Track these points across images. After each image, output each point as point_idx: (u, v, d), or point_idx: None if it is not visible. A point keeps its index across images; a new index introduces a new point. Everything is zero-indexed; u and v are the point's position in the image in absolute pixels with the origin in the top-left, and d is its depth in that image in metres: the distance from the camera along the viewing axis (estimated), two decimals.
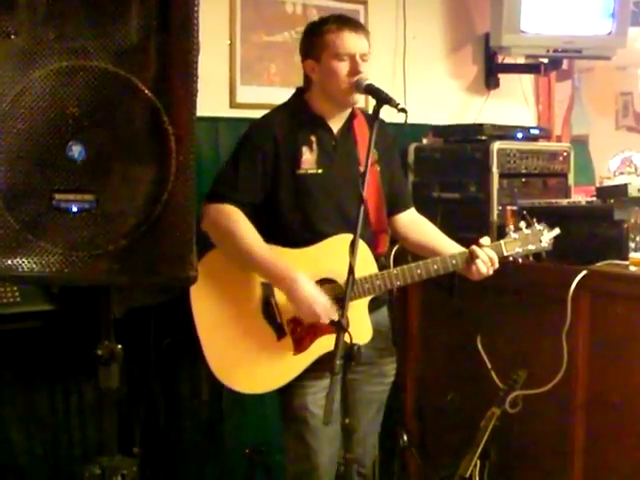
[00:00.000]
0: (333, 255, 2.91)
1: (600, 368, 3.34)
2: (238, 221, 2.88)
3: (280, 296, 2.91)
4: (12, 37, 2.07)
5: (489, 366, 3.64)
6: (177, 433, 3.85)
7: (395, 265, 3.10)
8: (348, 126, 3.09)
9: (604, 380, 3.32)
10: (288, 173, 2.96)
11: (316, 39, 2.98)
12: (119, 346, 2.41)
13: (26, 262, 2.13)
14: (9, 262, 2.12)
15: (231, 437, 3.96)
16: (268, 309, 2.93)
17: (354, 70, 2.91)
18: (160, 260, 2.20)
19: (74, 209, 2.14)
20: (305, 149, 2.97)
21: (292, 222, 2.98)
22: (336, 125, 3.06)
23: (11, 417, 3.45)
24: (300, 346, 2.92)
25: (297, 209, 2.97)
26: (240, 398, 3.81)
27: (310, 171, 2.97)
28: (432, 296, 4.08)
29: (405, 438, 3.94)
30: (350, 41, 2.92)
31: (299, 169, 2.96)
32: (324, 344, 2.89)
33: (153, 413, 3.65)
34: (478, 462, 3.45)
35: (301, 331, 2.91)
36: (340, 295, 2.89)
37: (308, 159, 2.97)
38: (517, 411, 3.44)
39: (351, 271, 2.48)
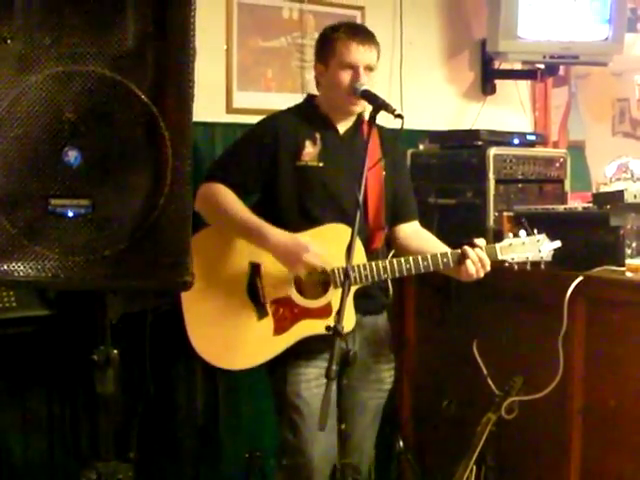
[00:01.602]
0: (323, 242, 2.93)
1: (596, 374, 3.34)
2: (226, 194, 2.96)
3: (266, 277, 2.96)
4: (8, 42, 2.08)
5: (485, 372, 3.64)
6: (173, 437, 3.85)
7: None
8: (355, 130, 3.14)
9: (600, 386, 3.32)
10: (288, 165, 3.01)
11: (326, 45, 3.06)
12: (115, 351, 2.42)
13: (22, 267, 2.14)
14: (5, 267, 2.13)
15: (227, 441, 3.95)
16: (253, 289, 2.97)
17: (355, 80, 2.96)
18: (156, 265, 2.21)
19: (70, 214, 2.15)
20: (308, 143, 3.03)
21: (290, 213, 3.02)
22: (343, 127, 3.12)
23: (7, 422, 3.44)
24: (281, 327, 2.96)
25: (295, 200, 3.02)
26: (236, 401, 3.83)
27: (310, 163, 3.02)
28: (428, 301, 4.08)
29: (401, 444, 3.94)
30: (356, 52, 2.97)
31: (299, 161, 3.02)
32: (305, 328, 2.93)
33: (149, 418, 3.64)
34: (474, 468, 3.45)
35: (283, 313, 2.95)
36: (326, 280, 2.92)
37: (310, 152, 3.03)
38: (513, 417, 3.44)
39: (347, 276, 2.48)
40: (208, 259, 2.95)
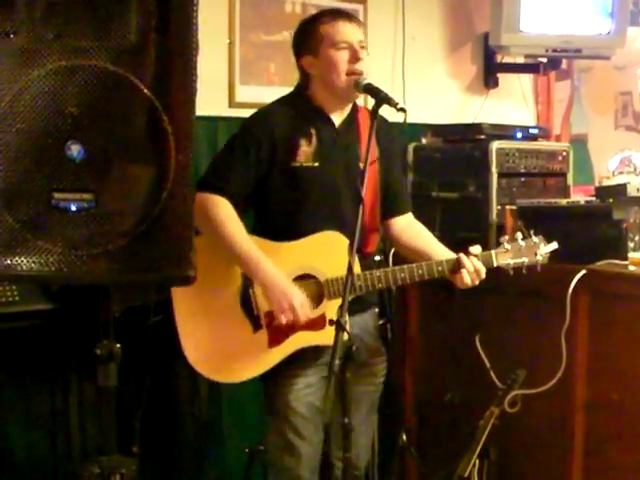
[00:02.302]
0: (316, 251, 2.91)
1: (599, 367, 3.34)
2: (224, 212, 2.86)
3: (259, 289, 2.90)
4: (11, 36, 2.08)
5: (488, 365, 3.64)
6: (176, 432, 3.86)
7: (394, 266, 3.08)
8: (351, 119, 3.06)
9: (603, 379, 3.32)
10: (283, 165, 2.93)
11: (311, 33, 2.97)
12: (118, 345, 2.42)
13: (25, 261, 2.14)
14: (8, 261, 2.13)
15: (230, 436, 3.96)
16: (246, 301, 2.92)
17: (354, 57, 2.90)
18: (159, 259, 2.21)
19: (73, 208, 2.14)
20: (303, 142, 2.94)
21: (284, 215, 2.96)
22: (338, 118, 3.03)
23: (10, 416, 3.45)
24: (275, 340, 2.91)
25: (289, 201, 2.95)
26: (239, 397, 3.83)
27: (306, 164, 2.94)
28: (431, 296, 4.08)
29: (404, 438, 3.93)
30: (344, 29, 2.92)
31: (294, 161, 2.93)
32: (300, 339, 2.90)
33: (152, 412, 3.64)
34: (477, 462, 3.45)
35: (278, 325, 2.88)
36: (319, 292, 2.89)
37: (305, 152, 2.94)
38: (516, 411, 3.44)
39: (350, 271, 2.48)
40: (200, 272, 2.82)
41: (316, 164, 2.95)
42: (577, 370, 3.38)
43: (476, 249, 2.95)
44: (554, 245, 3.04)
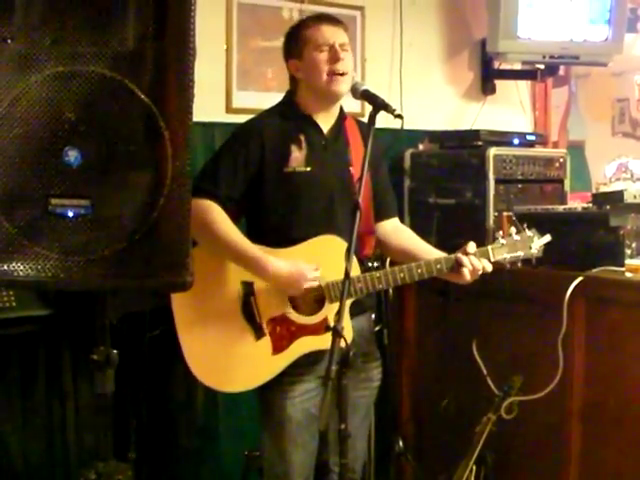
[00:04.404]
0: (315, 256, 2.90)
1: (596, 374, 3.34)
2: (215, 214, 2.87)
3: (260, 296, 2.90)
4: (9, 42, 2.07)
5: (485, 372, 3.64)
6: (172, 437, 3.85)
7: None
8: (339, 127, 3.08)
9: (600, 386, 3.33)
10: (275, 172, 2.94)
11: (296, 37, 3.02)
12: (114, 351, 2.42)
13: (22, 267, 2.13)
14: (5, 267, 2.12)
15: (226, 441, 3.96)
16: (248, 308, 2.91)
17: (334, 57, 2.93)
18: (156, 265, 2.20)
19: (70, 214, 2.14)
20: (294, 147, 2.96)
21: (278, 221, 2.95)
22: (326, 125, 3.05)
23: (6, 422, 3.44)
24: (279, 346, 2.90)
25: (284, 208, 2.95)
26: (235, 402, 3.83)
27: (298, 169, 2.95)
28: (428, 302, 4.08)
29: (401, 444, 3.94)
30: (327, 32, 2.96)
31: (287, 167, 2.94)
32: (303, 345, 2.90)
33: (148, 417, 3.64)
34: (474, 468, 3.45)
35: (280, 331, 2.89)
36: (320, 297, 2.89)
37: (297, 157, 2.95)
38: (513, 417, 3.44)
39: (347, 276, 2.47)
40: (198, 281, 2.67)
41: (308, 168, 2.96)
42: (574, 376, 3.38)
43: (472, 247, 2.95)
44: (547, 238, 3.04)
